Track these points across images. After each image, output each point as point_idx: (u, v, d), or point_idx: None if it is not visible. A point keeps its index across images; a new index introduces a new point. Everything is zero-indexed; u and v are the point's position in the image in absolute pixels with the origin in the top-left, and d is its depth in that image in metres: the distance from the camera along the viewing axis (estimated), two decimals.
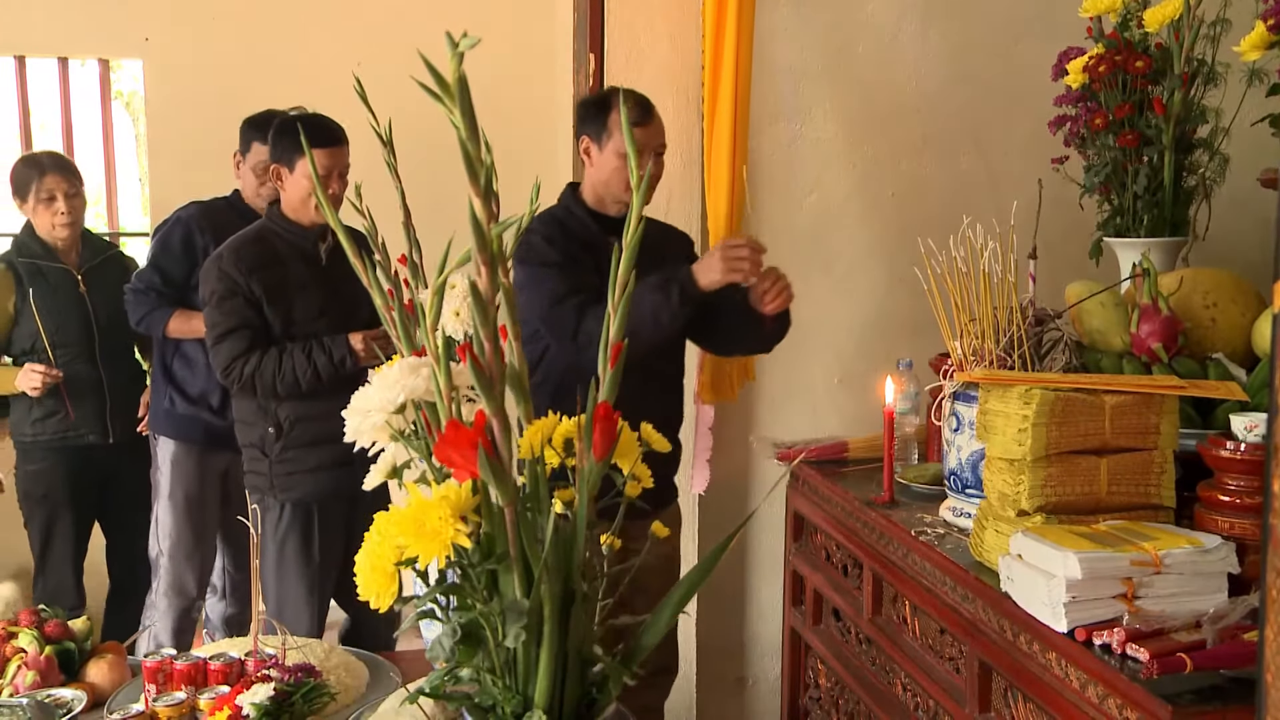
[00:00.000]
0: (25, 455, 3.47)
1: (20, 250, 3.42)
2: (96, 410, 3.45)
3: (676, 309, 2.40)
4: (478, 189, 0.95)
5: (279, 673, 1.74)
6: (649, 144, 2.56)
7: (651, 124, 2.59)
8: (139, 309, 3.33)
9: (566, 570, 1.04)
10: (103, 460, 3.48)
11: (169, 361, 3.39)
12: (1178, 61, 2.28)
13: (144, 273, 3.35)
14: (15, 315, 3.39)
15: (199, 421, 3.35)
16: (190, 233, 3.33)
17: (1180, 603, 1.56)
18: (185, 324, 3.31)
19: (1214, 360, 2.01)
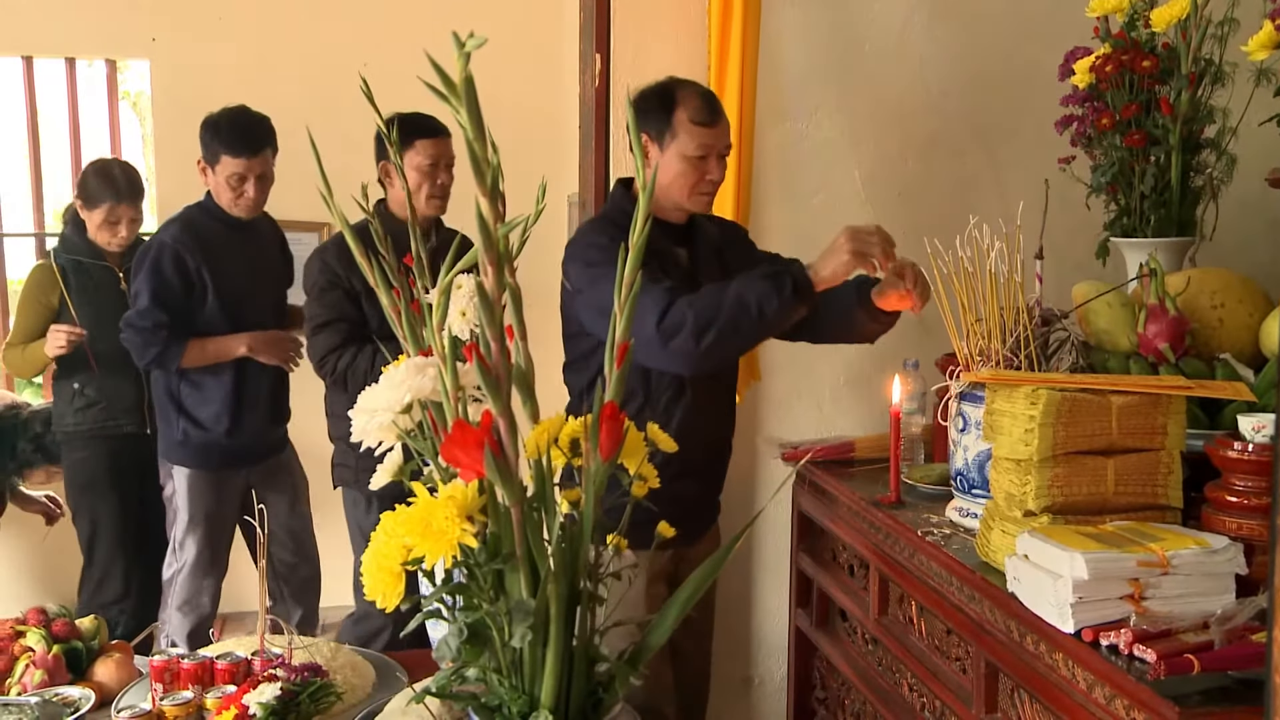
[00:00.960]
0: (69, 446, 3.54)
1: (67, 247, 3.51)
2: (134, 402, 3.51)
3: (787, 302, 2.15)
4: (484, 189, 0.96)
5: (285, 672, 1.74)
6: (715, 146, 2.37)
7: (719, 124, 2.38)
8: (149, 350, 3.20)
9: (573, 570, 1.04)
10: (141, 451, 3.51)
11: (175, 390, 3.31)
12: (1185, 61, 2.27)
13: (148, 312, 3.19)
14: (58, 309, 3.47)
15: (214, 448, 3.31)
16: (179, 255, 3.22)
17: (1188, 603, 1.56)
18: (200, 353, 3.23)
19: (1221, 360, 2.00)
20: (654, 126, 2.37)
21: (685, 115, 2.33)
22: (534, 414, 1.07)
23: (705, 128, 2.33)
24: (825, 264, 2.18)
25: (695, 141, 2.32)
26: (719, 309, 2.16)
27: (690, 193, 2.37)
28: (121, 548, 3.53)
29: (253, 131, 3.22)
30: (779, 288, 2.14)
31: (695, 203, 2.39)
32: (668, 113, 2.35)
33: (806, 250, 3.11)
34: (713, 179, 2.37)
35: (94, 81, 4.70)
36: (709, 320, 2.15)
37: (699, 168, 2.34)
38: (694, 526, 2.55)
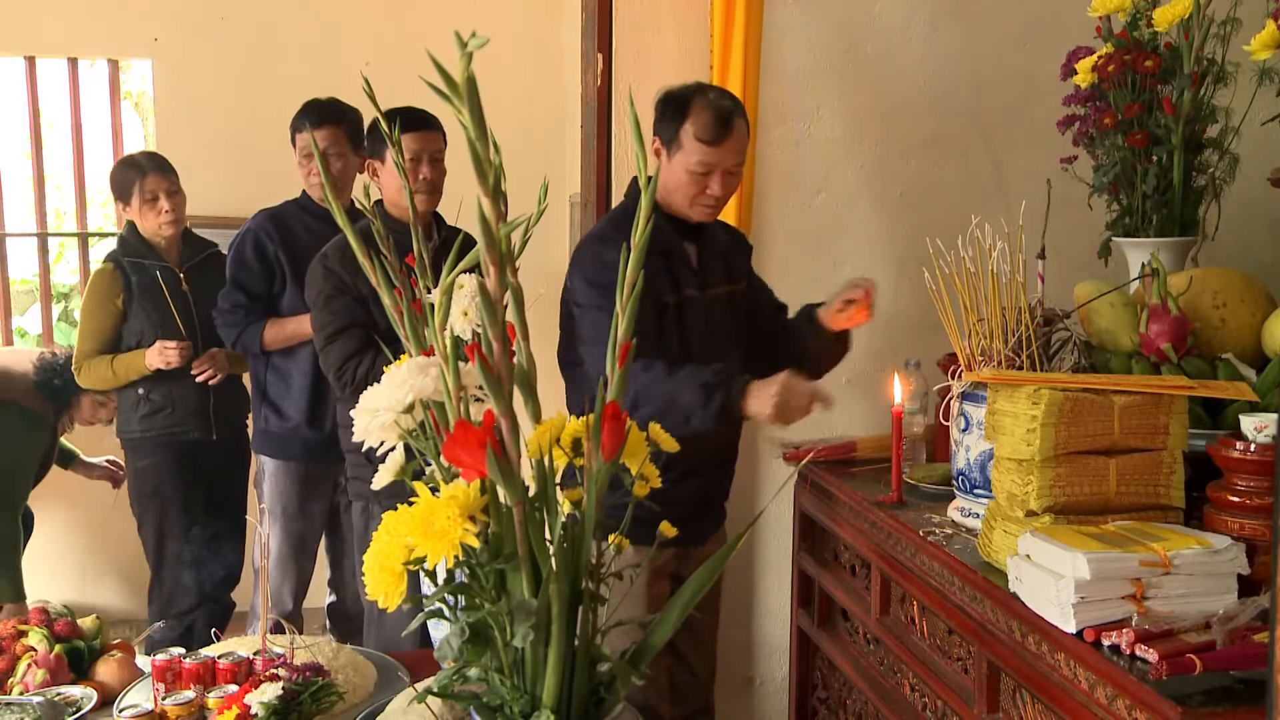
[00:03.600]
0: (134, 452, 3.49)
1: (126, 250, 3.45)
2: (199, 407, 3.46)
3: (710, 419, 2.18)
4: (486, 189, 0.96)
5: (287, 672, 1.74)
6: (718, 164, 2.33)
7: (725, 143, 2.31)
8: (231, 330, 3.31)
9: (575, 570, 1.04)
10: (206, 458, 3.48)
11: (264, 379, 3.38)
12: (1187, 61, 2.27)
13: (228, 293, 3.33)
14: (124, 312, 3.43)
15: (296, 438, 3.34)
16: (260, 241, 3.31)
17: (1190, 603, 1.55)
18: (280, 332, 3.29)
19: (1223, 360, 2.00)
20: (664, 132, 2.37)
21: (692, 129, 2.31)
22: (536, 414, 1.07)
23: (708, 145, 2.30)
24: (755, 400, 2.17)
25: (696, 157, 2.31)
26: (653, 396, 2.19)
27: (690, 203, 2.37)
28: (191, 556, 3.48)
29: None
30: (707, 402, 2.16)
31: (696, 213, 2.39)
32: (677, 122, 2.33)
33: (808, 249, 3.13)
34: (713, 194, 2.35)
35: (96, 82, 4.70)
36: (642, 400, 2.19)
37: (699, 182, 2.34)
38: (699, 527, 2.55)
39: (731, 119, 2.32)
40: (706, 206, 2.38)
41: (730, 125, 2.31)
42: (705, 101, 2.33)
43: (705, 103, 2.32)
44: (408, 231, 2.78)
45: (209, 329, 3.44)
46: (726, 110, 2.32)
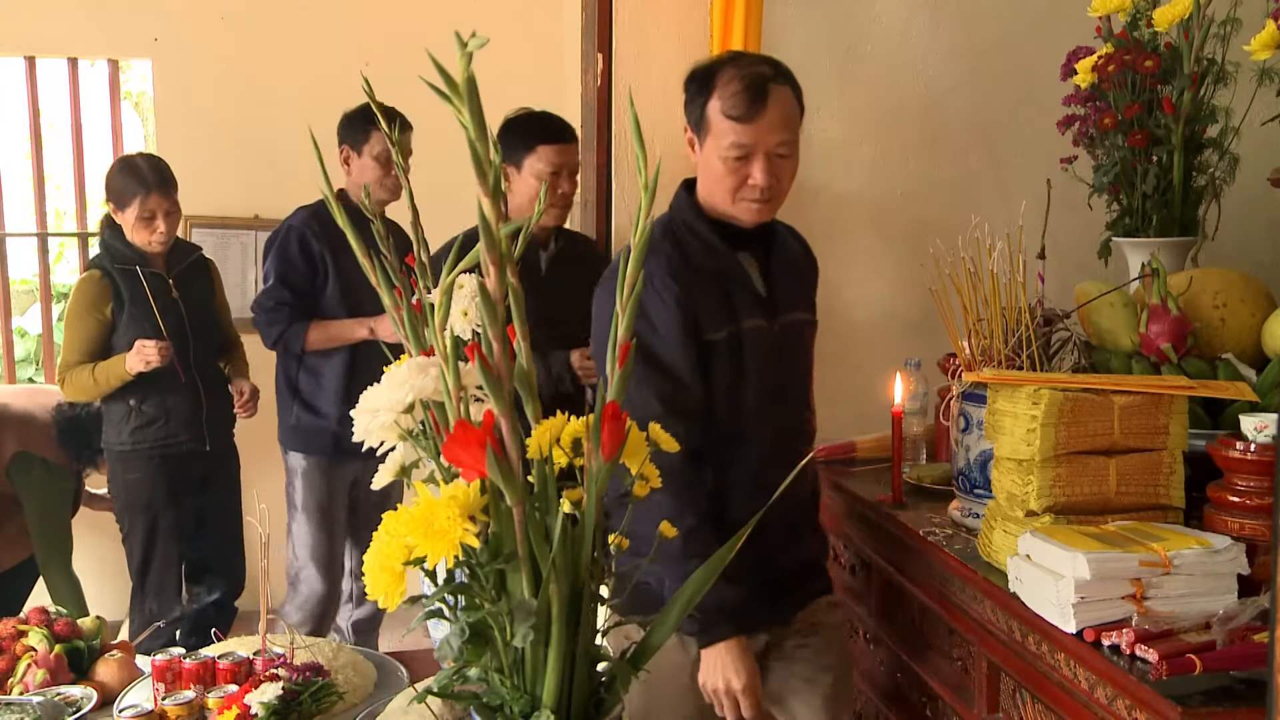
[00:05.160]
0: (124, 465, 3.36)
1: (114, 257, 3.32)
2: (193, 417, 3.37)
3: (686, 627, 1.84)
4: (486, 189, 0.95)
5: (287, 672, 1.74)
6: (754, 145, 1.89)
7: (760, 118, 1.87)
8: (274, 328, 3.28)
9: (575, 570, 1.04)
10: (199, 467, 3.42)
11: (294, 376, 3.36)
12: (1187, 61, 2.27)
13: (272, 290, 3.29)
14: (114, 322, 3.30)
15: (326, 433, 3.33)
16: (305, 238, 3.30)
17: (1190, 603, 1.56)
18: (324, 334, 3.29)
19: (1223, 360, 2.00)
20: (692, 116, 1.96)
21: (718, 105, 1.89)
22: (536, 414, 1.07)
23: (739, 123, 1.87)
24: (718, 668, 1.85)
25: (728, 139, 1.88)
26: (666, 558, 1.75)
27: (732, 200, 1.92)
28: (178, 570, 3.43)
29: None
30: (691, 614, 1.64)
31: (742, 212, 1.93)
32: (703, 99, 1.92)
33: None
34: (756, 183, 1.89)
35: (96, 82, 4.70)
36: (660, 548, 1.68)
37: (737, 170, 1.89)
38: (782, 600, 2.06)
39: (767, 87, 1.87)
40: (753, 201, 1.92)
41: (765, 94, 1.87)
42: (734, 70, 1.90)
43: (734, 71, 1.90)
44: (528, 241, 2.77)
45: (199, 337, 3.40)
46: (760, 77, 1.88)
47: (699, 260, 1.92)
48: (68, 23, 4.33)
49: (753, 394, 1.93)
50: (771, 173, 1.90)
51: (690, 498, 1.84)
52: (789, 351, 2.02)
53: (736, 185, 1.91)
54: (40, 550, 3.56)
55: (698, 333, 1.88)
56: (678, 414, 1.79)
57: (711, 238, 1.95)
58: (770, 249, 2.03)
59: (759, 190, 1.90)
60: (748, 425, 1.93)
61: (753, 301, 1.96)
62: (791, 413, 2.03)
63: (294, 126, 3.14)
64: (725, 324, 1.92)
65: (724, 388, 1.91)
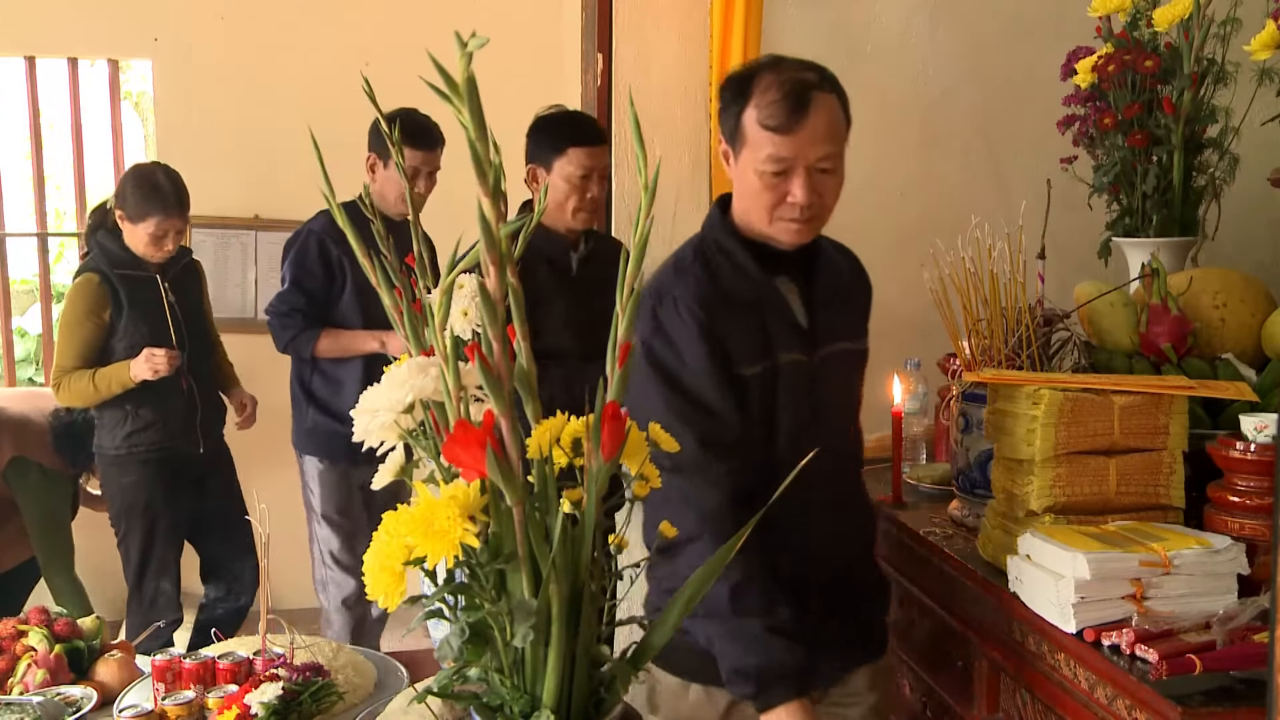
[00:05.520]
0: (118, 469, 3.34)
1: (112, 260, 3.27)
2: (187, 419, 3.36)
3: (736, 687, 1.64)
4: (486, 189, 0.95)
5: (287, 672, 1.74)
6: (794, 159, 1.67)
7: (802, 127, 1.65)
8: (286, 332, 3.26)
9: (575, 570, 1.04)
10: (194, 470, 3.41)
11: (308, 380, 3.34)
12: (1187, 61, 2.27)
13: (286, 294, 3.26)
14: (111, 325, 3.26)
15: (343, 437, 3.30)
16: (324, 245, 3.26)
17: (1190, 604, 1.56)
18: (334, 343, 3.27)
19: (1223, 360, 2.00)
20: (726, 126, 1.75)
21: (755, 114, 1.68)
22: (536, 414, 1.07)
23: (777, 134, 1.65)
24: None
25: (765, 151, 1.66)
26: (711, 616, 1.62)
27: (770, 219, 1.70)
28: (175, 572, 3.42)
29: (433, 129, 3.22)
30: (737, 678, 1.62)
31: (781, 232, 1.71)
32: (739, 108, 1.71)
33: None
34: (796, 201, 1.67)
35: (96, 82, 4.71)
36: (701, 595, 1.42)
37: (775, 187, 1.68)
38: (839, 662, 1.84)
39: (809, 95, 1.66)
40: (792, 221, 1.70)
41: (807, 103, 1.65)
42: (775, 75, 1.69)
43: (773, 76, 1.69)
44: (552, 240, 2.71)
45: (194, 339, 3.39)
46: (802, 84, 1.67)
47: (731, 286, 1.72)
48: (68, 23, 4.33)
49: (784, 436, 1.72)
50: (813, 189, 1.67)
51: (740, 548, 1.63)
52: (829, 386, 1.78)
53: (774, 203, 1.69)
54: (41, 554, 3.55)
55: (729, 366, 1.68)
56: (718, 451, 1.63)
57: (746, 261, 1.73)
58: (813, 272, 1.80)
59: (799, 209, 1.68)
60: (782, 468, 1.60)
61: (791, 333, 1.74)
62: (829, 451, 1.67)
63: (294, 127, 3.14)
64: (759, 359, 1.70)
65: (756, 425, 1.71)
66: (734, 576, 1.60)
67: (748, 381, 1.69)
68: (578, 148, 2.66)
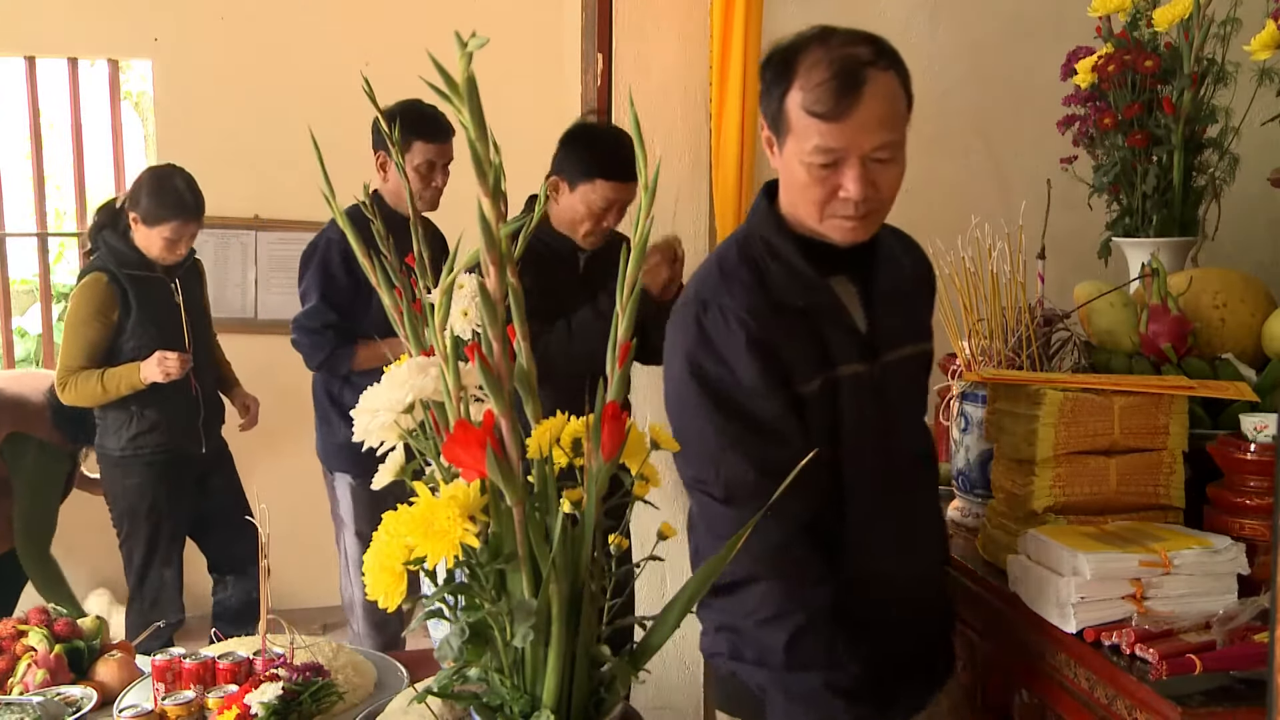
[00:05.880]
0: (122, 470, 3.32)
1: (121, 260, 3.25)
2: (191, 420, 3.34)
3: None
4: (486, 189, 0.95)
5: (287, 672, 1.74)
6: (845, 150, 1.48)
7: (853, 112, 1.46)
8: (319, 351, 3.10)
9: (575, 570, 1.04)
10: (196, 470, 3.40)
11: (337, 393, 3.20)
12: (1187, 61, 2.27)
13: (316, 310, 3.09)
14: (119, 326, 3.24)
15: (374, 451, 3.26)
16: (347, 251, 3.09)
17: (1190, 604, 1.56)
18: (372, 353, 3.09)
19: (1223, 360, 2.00)
20: (769, 110, 1.54)
21: (799, 98, 1.47)
22: (536, 414, 1.07)
23: (825, 121, 1.44)
24: None
25: (812, 141, 1.47)
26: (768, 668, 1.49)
27: (820, 216, 1.51)
28: (178, 572, 3.40)
29: (440, 119, 3.09)
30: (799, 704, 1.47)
31: (832, 230, 1.52)
32: (782, 89, 1.50)
33: None
34: (849, 196, 1.47)
35: (96, 82, 4.71)
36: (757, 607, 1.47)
37: (824, 180, 1.48)
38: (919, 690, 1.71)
39: (862, 74, 1.45)
40: (845, 218, 1.50)
41: (859, 84, 1.44)
42: (820, 51, 1.47)
43: (820, 53, 1.47)
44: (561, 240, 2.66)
45: (198, 338, 3.37)
46: (853, 61, 1.46)
47: (783, 292, 1.52)
48: (68, 23, 4.33)
49: (849, 456, 1.54)
50: (868, 182, 1.47)
51: (801, 588, 1.46)
52: (894, 396, 1.60)
53: (824, 198, 1.49)
54: (19, 532, 3.52)
55: (786, 382, 1.50)
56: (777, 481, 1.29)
57: (798, 262, 1.54)
58: (873, 269, 1.59)
59: (852, 204, 1.48)
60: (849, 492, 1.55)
61: (850, 341, 1.55)
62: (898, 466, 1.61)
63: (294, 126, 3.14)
64: (816, 373, 1.52)
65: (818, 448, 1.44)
66: (792, 622, 1.43)
67: (806, 400, 1.51)
68: (607, 181, 2.57)
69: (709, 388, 1.49)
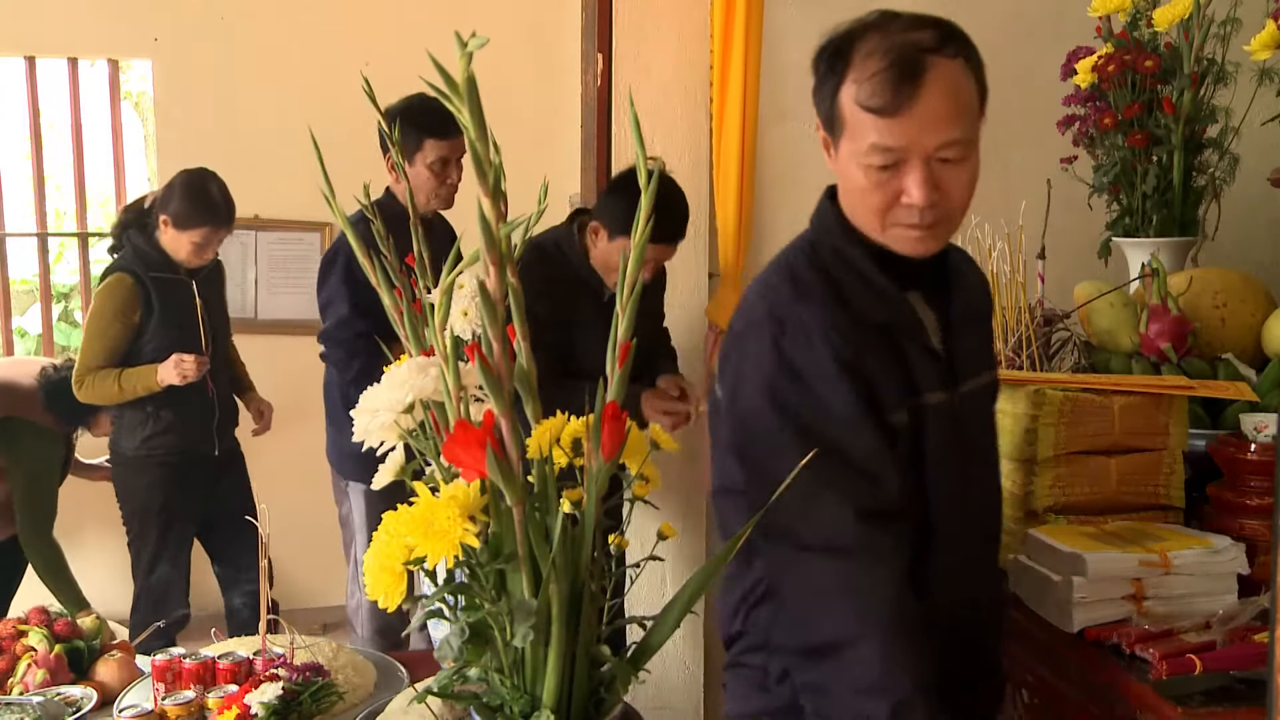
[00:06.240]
0: (136, 471, 3.31)
1: (146, 262, 3.23)
2: (206, 423, 3.34)
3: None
4: (486, 189, 0.96)
5: (287, 672, 1.74)
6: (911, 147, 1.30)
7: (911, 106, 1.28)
8: (354, 362, 2.96)
9: (575, 570, 1.04)
10: (208, 472, 3.38)
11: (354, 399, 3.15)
12: (1187, 61, 2.27)
13: (345, 321, 2.94)
14: (140, 327, 3.23)
15: None
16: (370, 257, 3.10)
17: (1190, 603, 1.56)
18: None
19: (1223, 360, 2.00)
20: (822, 106, 1.40)
21: (853, 92, 1.32)
22: (536, 414, 1.07)
23: (881, 117, 1.29)
24: None
25: (867, 139, 1.31)
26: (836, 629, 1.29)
27: (882, 225, 1.35)
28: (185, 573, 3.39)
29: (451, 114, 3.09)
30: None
31: (897, 240, 1.35)
32: (835, 82, 1.36)
33: None
34: (913, 202, 1.31)
35: (96, 82, 4.70)
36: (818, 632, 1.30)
37: (884, 184, 1.32)
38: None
39: (922, 62, 1.28)
40: (911, 228, 1.33)
41: (918, 73, 1.27)
42: (877, 38, 1.32)
43: (876, 40, 1.32)
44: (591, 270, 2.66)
45: (218, 342, 3.36)
46: (911, 49, 1.28)
47: (860, 305, 1.35)
48: (68, 23, 4.33)
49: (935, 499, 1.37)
50: (933, 185, 1.30)
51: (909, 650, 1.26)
52: (973, 428, 1.45)
53: (885, 204, 1.33)
54: (21, 515, 3.51)
55: (879, 411, 1.32)
56: (880, 523, 1.27)
57: (873, 274, 1.36)
58: (948, 287, 1.44)
59: (917, 211, 1.31)
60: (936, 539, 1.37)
61: (931, 365, 1.38)
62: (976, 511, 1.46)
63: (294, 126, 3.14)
64: (903, 400, 1.34)
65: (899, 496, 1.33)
66: (900, 690, 1.24)
67: (895, 431, 1.33)
68: (654, 244, 2.49)
69: (797, 421, 1.30)
